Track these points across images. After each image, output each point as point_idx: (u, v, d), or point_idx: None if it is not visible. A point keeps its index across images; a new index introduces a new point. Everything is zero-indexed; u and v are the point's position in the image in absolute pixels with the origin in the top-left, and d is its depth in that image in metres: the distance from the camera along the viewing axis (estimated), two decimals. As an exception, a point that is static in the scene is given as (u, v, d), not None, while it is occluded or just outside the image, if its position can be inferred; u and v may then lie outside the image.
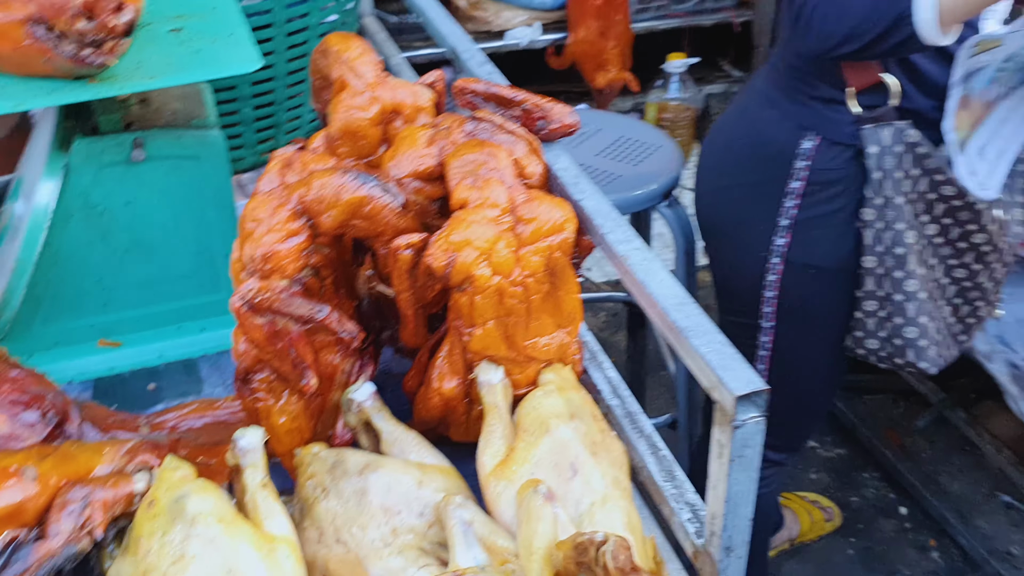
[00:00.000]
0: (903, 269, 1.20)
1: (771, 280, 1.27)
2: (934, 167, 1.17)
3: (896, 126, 1.15)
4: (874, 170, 1.16)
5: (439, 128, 0.85)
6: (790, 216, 1.24)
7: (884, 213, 1.18)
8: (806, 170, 1.21)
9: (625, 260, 0.72)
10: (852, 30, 1.07)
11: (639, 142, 1.67)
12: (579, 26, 2.95)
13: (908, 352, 1.25)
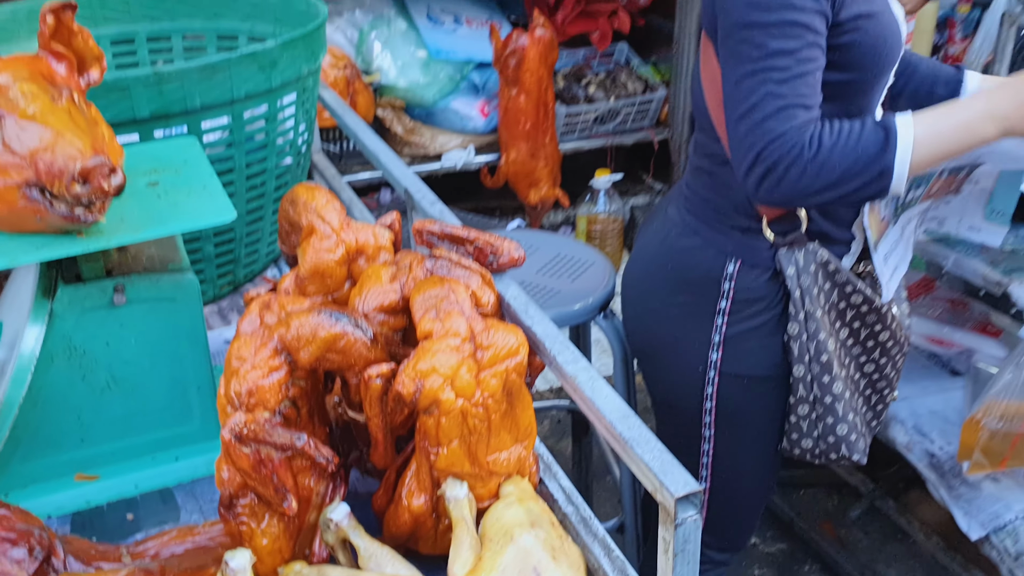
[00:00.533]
0: (829, 374, 1.31)
1: (709, 392, 1.37)
2: (843, 280, 1.30)
3: (808, 248, 1.28)
4: (794, 289, 1.28)
5: (400, 266, 0.94)
6: (721, 332, 1.33)
7: (807, 326, 1.29)
8: (731, 290, 1.32)
9: (574, 379, 0.81)
10: (829, 185, 1.11)
11: (574, 259, 1.79)
12: (511, 148, 3.12)
13: (841, 447, 1.36)
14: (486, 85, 3.30)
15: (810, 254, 1.27)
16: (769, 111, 1.10)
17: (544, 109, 3.08)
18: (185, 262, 1.05)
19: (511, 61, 2.97)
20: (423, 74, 3.16)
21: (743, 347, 1.33)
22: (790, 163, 1.09)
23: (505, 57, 2.97)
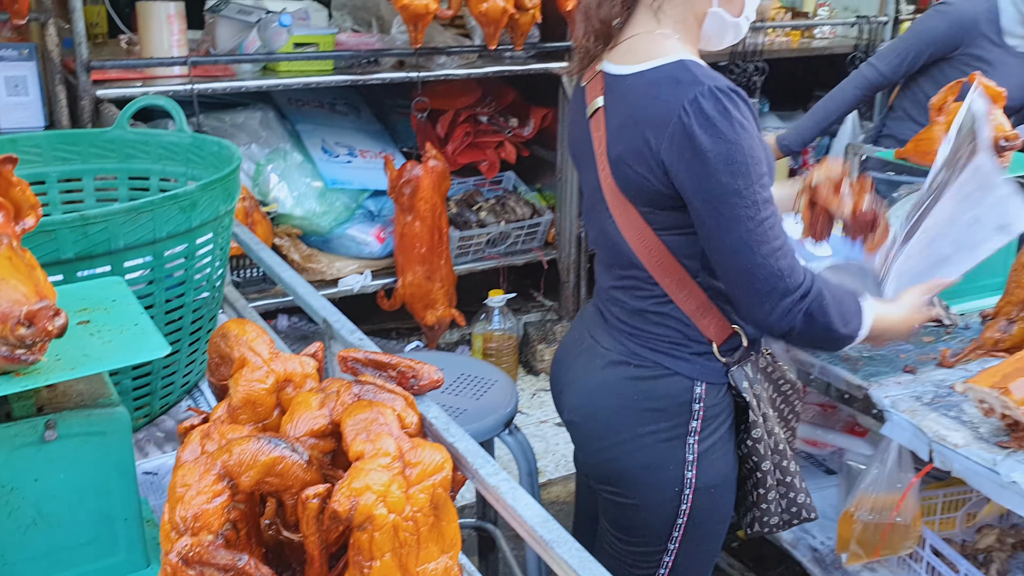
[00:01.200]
0: (785, 458, 1.51)
1: (684, 509, 1.48)
2: (777, 376, 1.54)
3: (752, 360, 1.48)
4: (751, 399, 1.45)
5: (327, 392, 1.02)
6: (694, 451, 1.46)
7: (765, 425, 1.48)
8: (701, 410, 1.45)
9: (496, 490, 0.90)
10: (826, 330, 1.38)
11: (478, 378, 1.89)
12: (407, 271, 3.23)
13: (802, 512, 1.55)
14: (381, 212, 3.43)
15: (755, 364, 1.48)
16: (785, 266, 1.32)
17: (438, 234, 3.21)
18: (115, 396, 1.10)
19: (406, 190, 3.11)
20: (319, 203, 3.28)
21: (712, 459, 1.47)
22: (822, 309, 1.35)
23: (400, 186, 3.11)
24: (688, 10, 1.40)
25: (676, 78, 1.33)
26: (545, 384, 3.58)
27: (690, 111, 1.28)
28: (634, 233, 1.42)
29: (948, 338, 1.96)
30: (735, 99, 1.30)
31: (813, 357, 1.87)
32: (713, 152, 1.28)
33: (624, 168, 1.38)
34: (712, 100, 1.28)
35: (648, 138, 1.33)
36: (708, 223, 1.33)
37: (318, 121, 3.52)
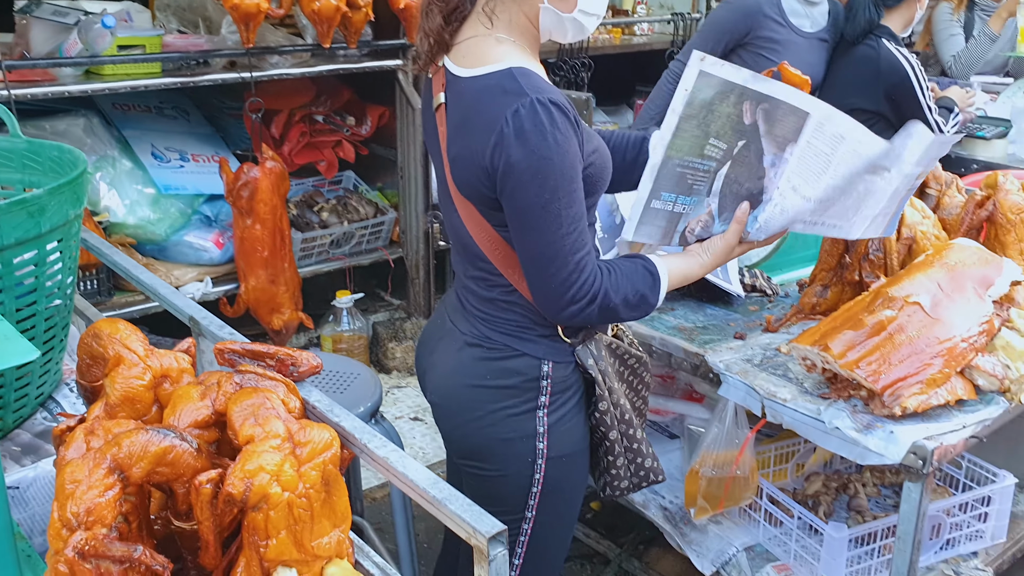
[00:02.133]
0: (632, 426, 1.61)
1: (537, 478, 1.55)
2: (622, 352, 1.62)
3: (596, 339, 1.56)
4: (596, 374, 1.54)
5: (208, 384, 1.04)
6: (544, 423, 1.53)
7: (611, 397, 1.57)
8: (548, 386, 1.53)
9: (387, 460, 0.95)
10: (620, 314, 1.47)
11: (340, 372, 1.91)
12: (249, 276, 3.18)
13: (650, 475, 1.65)
14: (219, 217, 3.36)
15: (599, 342, 1.57)
16: (574, 264, 1.39)
17: (280, 236, 3.18)
18: (-22, 406, 1.07)
19: (244, 193, 3.07)
20: (153, 210, 3.18)
21: (562, 430, 1.55)
22: (606, 295, 1.43)
23: (237, 189, 3.06)
24: (518, 11, 1.43)
25: (503, 88, 1.36)
26: (398, 381, 3.62)
27: (510, 122, 1.33)
28: (477, 229, 1.47)
29: (771, 306, 2.15)
30: (554, 113, 1.33)
31: (652, 330, 2.02)
32: (523, 165, 1.33)
33: (460, 169, 1.43)
34: (531, 113, 1.32)
35: (476, 144, 1.37)
36: (514, 229, 1.41)
37: (146, 126, 3.41)
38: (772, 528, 2.00)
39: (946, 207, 2.00)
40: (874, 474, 2.19)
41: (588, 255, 1.42)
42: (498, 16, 1.43)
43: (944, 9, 3.89)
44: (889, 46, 2.90)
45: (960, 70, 3.72)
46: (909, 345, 1.64)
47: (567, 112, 1.35)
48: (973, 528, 1.97)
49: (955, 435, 1.60)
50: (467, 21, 1.45)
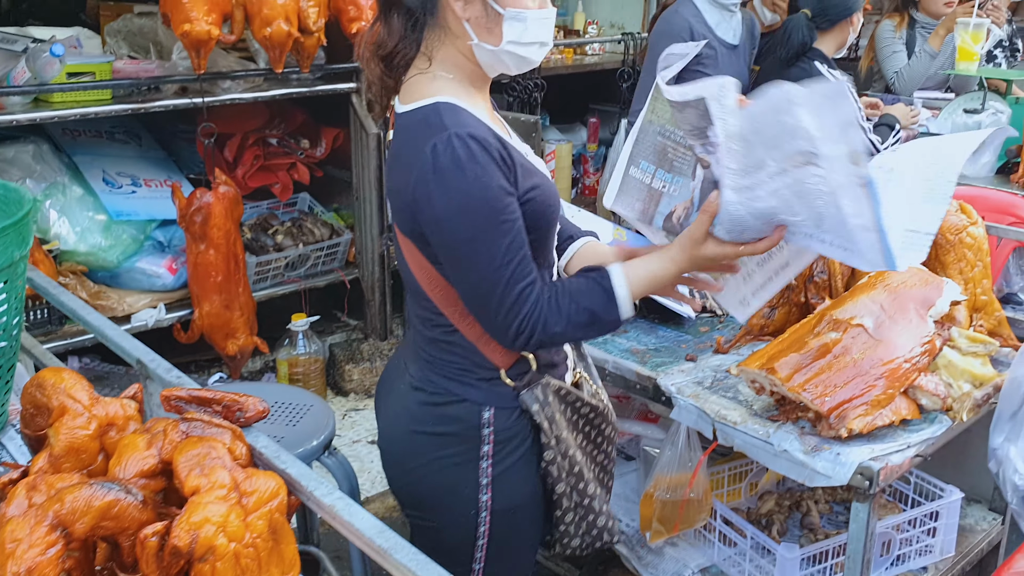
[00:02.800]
0: (583, 480, 1.52)
1: (482, 531, 1.49)
2: (573, 399, 1.53)
3: (542, 383, 1.48)
4: (542, 421, 1.47)
5: (154, 432, 1.03)
6: (488, 474, 1.47)
7: (559, 448, 1.49)
8: (491, 435, 1.46)
9: (332, 508, 0.95)
10: (577, 333, 1.42)
11: (292, 405, 1.91)
12: (203, 301, 3.16)
13: (603, 535, 1.57)
14: (172, 242, 3.33)
15: (546, 387, 1.48)
16: (514, 296, 1.34)
17: (234, 260, 3.16)
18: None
19: (197, 218, 3.05)
20: (104, 237, 3.14)
21: (509, 482, 1.48)
22: (546, 325, 1.37)
23: (190, 214, 3.04)
24: (454, 50, 1.42)
25: (427, 122, 1.36)
26: (356, 404, 3.61)
27: (430, 157, 1.32)
28: (416, 265, 1.45)
29: (722, 327, 2.19)
30: (472, 147, 1.31)
31: (606, 354, 2.04)
32: (443, 201, 1.32)
33: (393, 204, 1.43)
34: (448, 148, 1.31)
35: (402, 180, 1.37)
36: (446, 266, 1.39)
37: (97, 152, 3.37)
38: (727, 549, 2.03)
39: (888, 229, 2.05)
40: (826, 491, 2.22)
41: (531, 285, 1.37)
42: (436, 55, 1.43)
43: (887, 27, 3.99)
44: (822, 68, 2.95)
45: (903, 86, 3.81)
46: (853, 367, 1.68)
47: (487, 146, 1.33)
48: (923, 543, 2.01)
49: (900, 455, 1.64)
50: (411, 65, 1.44)
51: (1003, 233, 2.27)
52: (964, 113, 3.13)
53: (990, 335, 1.97)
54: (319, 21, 3.11)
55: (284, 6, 2.98)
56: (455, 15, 1.39)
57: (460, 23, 1.39)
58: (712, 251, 1.40)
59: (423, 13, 1.42)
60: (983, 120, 3.07)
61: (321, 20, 3.13)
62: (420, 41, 1.43)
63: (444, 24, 1.41)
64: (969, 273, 1.94)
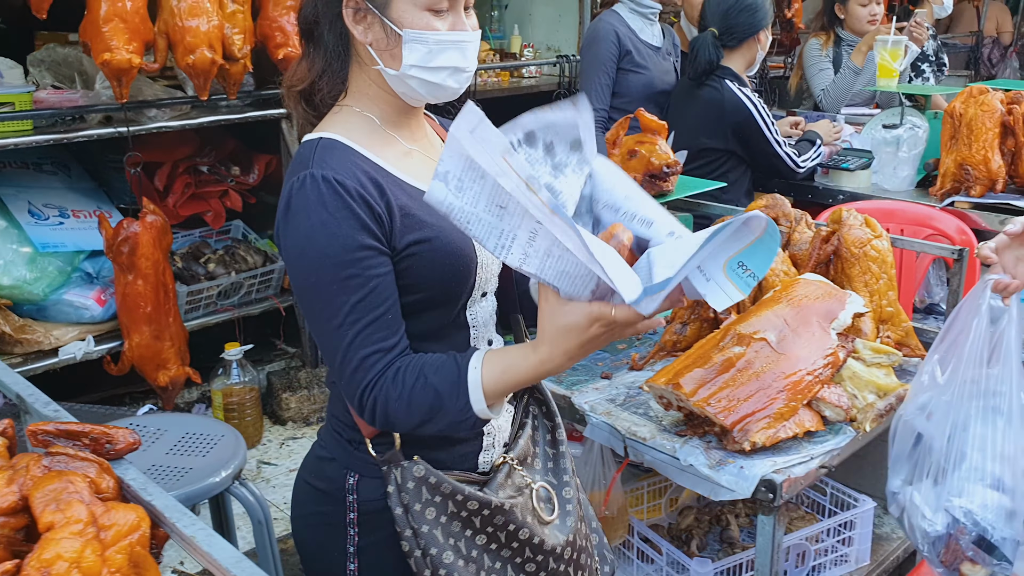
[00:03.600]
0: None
1: None
2: (450, 491, 1.31)
3: (404, 465, 1.29)
4: (395, 507, 1.29)
5: (16, 468, 1.02)
6: (354, 543, 1.34)
7: (417, 542, 1.29)
8: (356, 503, 1.33)
9: (193, 539, 0.94)
10: (422, 420, 1.22)
11: (203, 435, 1.89)
12: (133, 333, 3.11)
13: None
14: (100, 273, 3.29)
15: (407, 471, 1.29)
16: (355, 363, 1.22)
17: (164, 290, 3.13)
18: None
19: (124, 248, 3.01)
20: (29, 269, 3.09)
21: (378, 559, 1.34)
22: (385, 404, 1.22)
23: (117, 245, 3.01)
24: (365, 79, 1.33)
25: (300, 158, 1.28)
26: (294, 432, 3.57)
27: (285, 196, 1.24)
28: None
29: (639, 343, 2.20)
30: (323, 190, 1.20)
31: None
32: (289, 242, 1.23)
33: None
34: (301, 189, 1.22)
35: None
36: (299, 307, 1.34)
37: (22, 184, 3.32)
38: (645, 566, 2.03)
39: (796, 243, 2.09)
40: (746, 504, 2.24)
41: (378, 353, 1.22)
42: (351, 87, 1.34)
43: (813, 45, 4.07)
44: (732, 87, 3.02)
45: (830, 103, 3.88)
46: (756, 380, 1.70)
47: (344, 191, 1.20)
48: (838, 553, 2.03)
49: (803, 467, 1.66)
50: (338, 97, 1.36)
51: (916, 247, 2.31)
52: (883, 128, 3.20)
53: (898, 346, 2.01)
54: (244, 48, 3.11)
55: (207, 33, 2.97)
56: (356, 42, 1.31)
57: (364, 51, 1.31)
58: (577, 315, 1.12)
59: (337, 45, 1.33)
60: (901, 135, 3.13)
61: (247, 47, 3.12)
62: (345, 77, 1.34)
63: (356, 54, 1.33)
64: (874, 285, 1.98)
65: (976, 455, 1.48)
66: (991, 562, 1.49)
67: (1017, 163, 2.92)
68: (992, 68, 7.76)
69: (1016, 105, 2.90)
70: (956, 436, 1.51)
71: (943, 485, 1.51)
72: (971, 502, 1.48)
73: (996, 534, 1.48)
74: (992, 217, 2.87)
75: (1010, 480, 1.46)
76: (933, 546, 1.54)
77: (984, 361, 1.48)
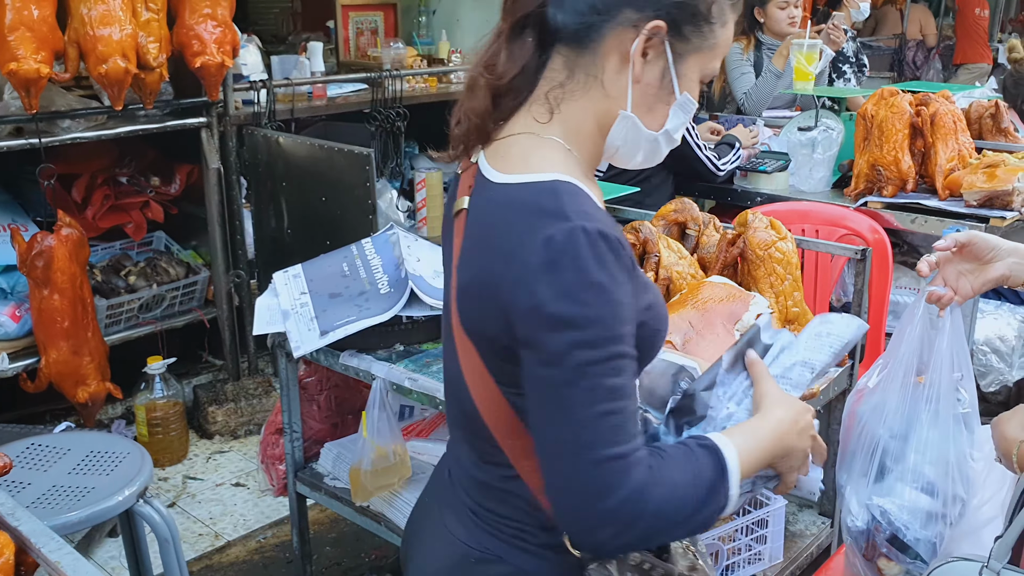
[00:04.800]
0: None
1: None
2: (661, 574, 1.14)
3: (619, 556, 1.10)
4: None
5: None
6: None
7: None
8: None
9: (58, 564, 0.92)
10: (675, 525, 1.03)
11: (108, 453, 1.85)
12: (50, 349, 3.04)
13: None
14: (15, 289, 3.21)
15: (623, 562, 1.10)
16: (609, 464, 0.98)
17: (81, 305, 3.06)
18: None
19: (38, 263, 2.95)
20: (-61, 286, 3.01)
21: None
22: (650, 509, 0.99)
23: (31, 259, 2.94)
24: (588, 110, 1.10)
25: (540, 205, 1.03)
26: (221, 446, 3.51)
27: (543, 251, 0.99)
28: (477, 381, 1.11)
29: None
30: (601, 247, 0.99)
31: (437, 383, 2.03)
32: (552, 310, 0.98)
33: (468, 299, 1.09)
34: (571, 244, 0.98)
35: (493, 272, 1.04)
36: (530, 398, 1.03)
37: (-68, 197, 3.23)
38: None
39: (704, 246, 2.12)
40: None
41: (636, 452, 1.00)
42: (561, 110, 1.10)
43: (734, 49, 4.13)
44: None
45: (752, 106, 3.95)
46: (661, 384, 1.71)
47: (620, 249, 1.02)
48: (752, 551, 2.06)
49: (708, 467, 1.68)
50: (519, 112, 1.12)
51: (820, 247, 2.36)
52: (799, 131, 3.26)
53: (805, 345, 2.05)
54: (160, 56, 3.05)
55: (120, 42, 2.92)
56: (620, 68, 1.08)
57: (622, 80, 1.08)
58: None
59: (573, 43, 1.08)
60: (816, 137, 3.20)
61: (163, 55, 3.07)
62: (537, 82, 1.10)
63: (594, 72, 1.09)
64: (780, 286, 2.01)
65: (914, 457, 1.52)
66: (905, 560, 1.54)
67: (927, 163, 3.00)
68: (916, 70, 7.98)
69: (924, 107, 2.98)
70: (896, 439, 1.55)
71: (877, 484, 1.55)
72: (892, 503, 1.53)
73: (910, 534, 1.52)
74: (904, 216, 2.95)
75: (941, 484, 1.50)
76: (855, 540, 1.60)
77: (922, 369, 1.52)
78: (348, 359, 2.13)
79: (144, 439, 3.31)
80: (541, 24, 1.07)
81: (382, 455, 2.05)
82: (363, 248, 2.34)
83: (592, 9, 1.06)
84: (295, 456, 2.31)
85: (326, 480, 2.35)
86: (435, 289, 2.15)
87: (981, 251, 1.45)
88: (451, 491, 1.23)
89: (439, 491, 1.28)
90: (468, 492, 1.18)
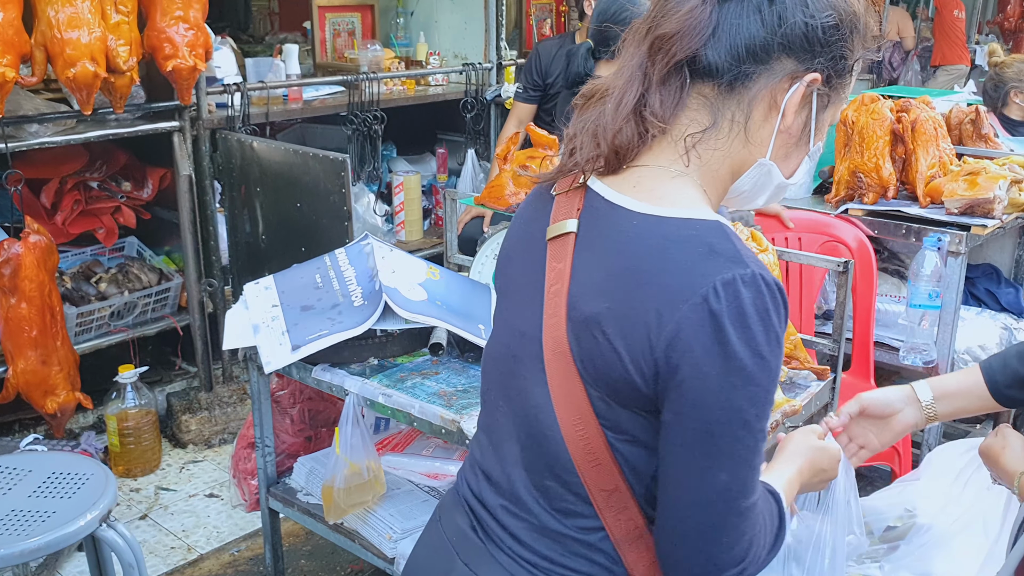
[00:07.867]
0: None
1: None
2: None
3: None
4: None
5: None
6: None
7: None
8: None
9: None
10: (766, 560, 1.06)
11: (70, 475, 1.79)
12: (17, 358, 2.97)
13: None
14: (-18, 297, 3.12)
15: None
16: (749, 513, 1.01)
17: (50, 313, 2.99)
18: None
19: (5, 271, 2.88)
20: (-98, 295, 2.92)
21: None
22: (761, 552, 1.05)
23: (-2, 268, 2.87)
24: (725, 157, 1.06)
25: (711, 246, 0.98)
26: (194, 456, 3.45)
27: (723, 297, 0.94)
28: (573, 416, 1.03)
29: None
30: (779, 301, 0.97)
31: (412, 399, 1.99)
32: (737, 361, 0.94)
33: (594, 332, 1.00)
34: (754, 293, 0.94)
35: (652, 309, 0.97)
36: (676, 452, 0.99)
37: None
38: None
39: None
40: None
41: (758, 499, 1.04)
42: (698, 154, 1.06)
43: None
44: None
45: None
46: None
47: (786, 304, 0.99)
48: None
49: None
50: (652, 144, 1.07)
51: (802, 259, 2.33)
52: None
53: (786, 359, 2.02)
54: (130, 60, 2.98)
55: (89, 46, 2.84)
56: (766, 116, 1.05)
57: (766, 128, 1.05)
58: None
59: (721, 86, 1.03)
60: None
61: (133, 59, 3.00)
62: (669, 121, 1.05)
63: (740, 119, 1.05)
64: (761, 299, 1.98)
65: None
66: None
67: (907, 170, 2.97)
68: (894, 72, 7.99)
69: (905, 113, 2.96)
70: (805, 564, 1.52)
71: None
72: None
73: None
74: (885, 224, 2.92)
75: None
76: None
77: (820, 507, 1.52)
78: (321, 373, 2.08)
79: (116, 449, 3.24)
80: (691, 65, 1.04)
81: (355, 472, 2.01)
82: (336, 259, 2.29)
83: (751, 57, 1.02)
84: (267, 471, 2.26)
85: (299, 496, 2.30)
86: (410, 302, 2.11)
87: (879, 411, 1.53)
88: (488, 544, 1.12)
89: (463, 545, 1.15)
90: (527, 544, 1.09)
